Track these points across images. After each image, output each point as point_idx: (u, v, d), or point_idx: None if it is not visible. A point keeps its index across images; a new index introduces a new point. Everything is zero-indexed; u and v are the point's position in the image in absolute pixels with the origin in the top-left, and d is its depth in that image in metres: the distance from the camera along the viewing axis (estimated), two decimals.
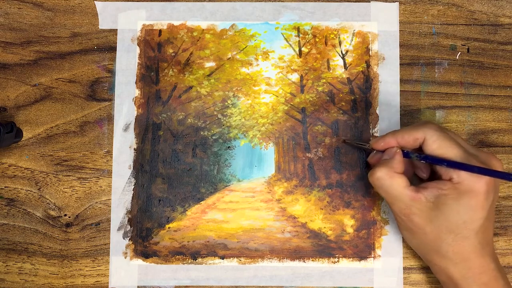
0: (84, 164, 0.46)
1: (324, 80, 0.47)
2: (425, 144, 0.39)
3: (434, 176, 0.41)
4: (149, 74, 0.47)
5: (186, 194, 0.46)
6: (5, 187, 0.46)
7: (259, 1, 0.48)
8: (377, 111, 0.47)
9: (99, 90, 0.47)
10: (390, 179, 0.38)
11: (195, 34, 0.47)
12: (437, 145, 0.38)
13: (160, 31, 0.47)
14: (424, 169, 0.42)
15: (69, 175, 0.46)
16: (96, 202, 0.46)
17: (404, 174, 0.39)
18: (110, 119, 0.47)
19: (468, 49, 0.47)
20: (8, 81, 0.47)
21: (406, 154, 0.40)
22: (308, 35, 0.47)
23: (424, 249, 0.40)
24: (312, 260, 0.45)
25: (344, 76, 0.47)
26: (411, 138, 0.39)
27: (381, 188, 0.39)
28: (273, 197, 0.47)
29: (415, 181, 0.43)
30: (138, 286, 0.45)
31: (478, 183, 0.36)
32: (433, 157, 0.38)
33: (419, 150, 0.40)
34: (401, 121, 0.46)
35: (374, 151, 0.43)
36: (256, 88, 0.47)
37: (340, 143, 0.46)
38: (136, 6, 0.48)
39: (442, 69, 0.47)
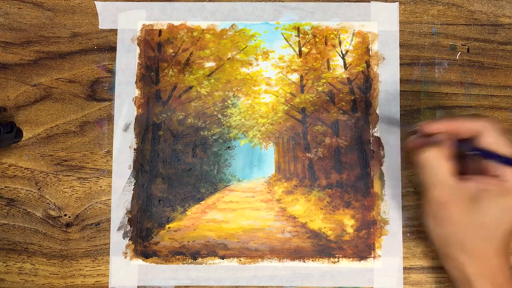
0: (84, 164, 0.46)
1: (324, 80, 0.47)
2: (481, 137, 0.37)
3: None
4: (149, 74, 0.47)
5: (186, 194, 0.46)
6: (5, 187, 0.46)
7: (259, 1, 0.48)
8: (377, 111, 0.47)
9: (99, 90, 0.47)
10: (438, 162, 0.37)
11: (195, 34, 0.47)
12: (493, 140, 0.37)
13: (160, 31, 0.47)
14: (472, 164, 0.40)
15: (69, 175, 0.46)
16: (96, 202, 0.46)
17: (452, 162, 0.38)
18: (110, 119, 0.47)
19: (468, 49, 0.47)
20: (8, 81, 0.47)
21: (460, 145, 0.38)
22: (308, 35, 0.47)
23: (447, 241, 0.38)
24: (312, 260, 0.45)
25: (344, 76, 0.47)
26: (465, 127, 0.38)
27: (426, 169, 0.38)
28: (273, 197, 0.47)
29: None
30: (138, 286, 0.45)
31: None
32: (487, 151, 0.37)
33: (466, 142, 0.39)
34: (401, 121, 0.46)
35: (414, 135, 0.41)
36: (256, 88, 0.47)
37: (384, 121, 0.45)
38: (136, 6, 0.48)
39: (442, 69, 0.47)
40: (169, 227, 0.46)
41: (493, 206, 0.36)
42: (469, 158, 0.40)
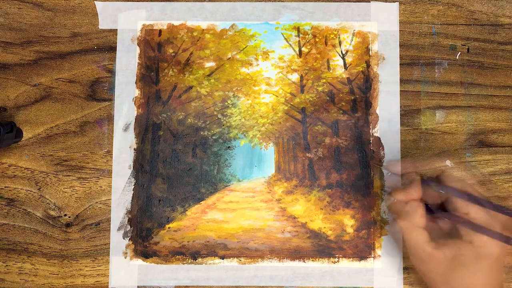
0: (84, 164, 0.46)
1: (324, 80, 0.47)
2: (444, 175, 0.39)
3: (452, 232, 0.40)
4: (149, 74, 0.47)
5: (186, 194, 0.46)
6: (5, 187, 0.46)
7: (259, 1, 0.48)
8: (377, 111, 0.47)
9: (99, 90, 0.47)
10: (411, 233, 0.39)
11: (195, 34, 0.47)
12: (461, 204, 0.38)
13: (160, 31, 0.47)
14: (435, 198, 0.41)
15: (69, 175, 0.46)
16: (96, 202, 0.46)
17: (426, 228, 0.39)
18: (110, 119, 0.47)
19: (468, 49, 0.47)
20: (8, 81, 0.47)
21: (425, 182, 0.39)
22: (308, 35, 0.47)
23: None
24: (312, 260, 0.45)
25: (344, 76, 0.47)
26: (428, 166, 0.40)
27: (400, 240, 0.41)
28: (273, 197, 0.47)
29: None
30: (138, 286, 0.45)
31: (498, 248, 0.37)
32: (453, 188, 0.38)
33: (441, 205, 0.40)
34: (401, 121, 0.46)
35: (393, 200, 0.42)
36: (256, 88, 0.47)
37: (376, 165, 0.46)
38: (136, 6, 0.48)
39: (442, 69, 0.47)
40: (169, 227, 0.46)
41: (471, 271, 0.37)
42: (443, 220, 0.41)
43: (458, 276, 0.37)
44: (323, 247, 0.45)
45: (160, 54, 0.47)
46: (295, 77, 0.47)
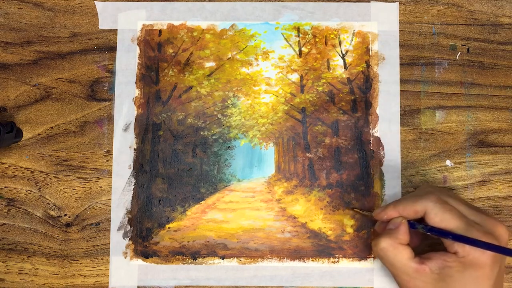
0: (84, 164, 0.46)
1: (324, 80, 0.47)
2: (427, 217, 0.38)
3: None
4: (149, 74, 0.47)
5: (186, 194, 0.46)
6: (5, 187, 0.46)
7: (259, 1, 0.48)
8: (377, 111, 0.47)
9: (99, 90, 0.47)
10: (394, 250, 0.38)
11: (195, 34, 0.47)
12: (439, 218, 0.38)
13: (160, 31, 0.47)
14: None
15: (69, 175, 0.46)
16: (96, 202, 0.46)
17: (410, 244, 0.39)
18: (110, 119, 0.47)
19: (468, 49, 0.47)
20: (8, 81, 0.47)
21: (412, 225, 0.39)
22: (308, 35, 0.47)
23: None
24: (312, 260, 0.45)
25: (344, 76, 0.47)
26: (411, 211, 0.39)
27: (384, 259, 0.39)
28: (273, 197, 0.47)
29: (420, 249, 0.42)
30: (138, 286, 0.45)
31: (483, 256, 0.36)
32: (438, 230, 0.38)
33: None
34: (401, 121, 0.46)
35: (379, 222, 0.42)
36: (256, 88, 0.47)
37: (346, 208, 0.46)
38: (136, 6, 0.48)
39: (442, 69, 0.47)
40: (169, 227, 0.46)
41: (459, 282, 0.37)
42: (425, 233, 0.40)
43: None
44: (323, 247, 0.45)
45: (160, 54, 0.47)
46: (295, 77, 0.47)
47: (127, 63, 0.47)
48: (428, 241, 0.42)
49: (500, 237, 0.37)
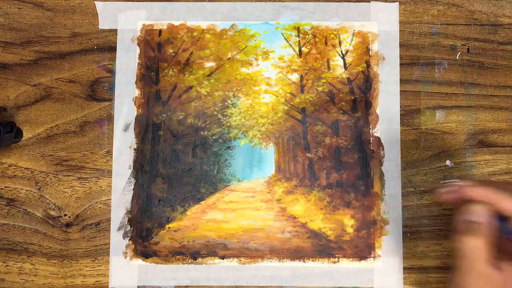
0: (84, 164, 0.46)
1: (324, 80, 0.47)
2: None
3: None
4: (149, 74, 0.47)
5: (186, 194, 0.46)
6: (5, 187, 0.46)
7: (259, 1, 0.48)
8: (377, 111, 0.47)
9: (99, 90, 0.47)
10: (478, 251, 0.34)
11: (195, 34, 0.47)
12: None
13: (160, 31, 0.47)
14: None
15: (69, 175, 0.46)
16: (96, 202, 0.46)
17: (492, 244, 0.35)
18: (110, 119, 0.47)
19: (468, 49, 0.47)
20: (8, 81, 0.47)
21: (503, 228, 0.35)
22: (308, 35, 0.47)
23: None
24: (312, 260, 0.45)
25: (344, 76, 0.47)
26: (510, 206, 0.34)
27: (464, 257, 0.35)
28: (273, 197, 0.47)
29: None
30: (138, 286, 0.45)
31: None
32: None
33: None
34: (401, 121, 0.46)
35: (448, 187, 0.37)
36: (256, 88, 0.47)
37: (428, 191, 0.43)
38: (136, 6, 0.48)
39: (442, 69, 0.47)
40: (169, 227, 0.46)
41: None
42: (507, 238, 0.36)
43: None
44: (323, 247, 0.45)
45: (160, 54, 0.47)
46: (295, 77, 0.47)
47: (127, 63, 0.47)
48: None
49: None
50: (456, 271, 0.35)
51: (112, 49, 0.47)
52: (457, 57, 0.47)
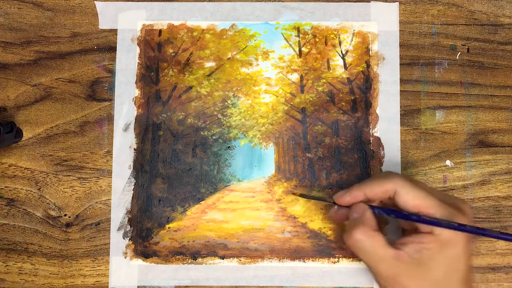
0: (84, 164, 0.46)
1: (324, 80, 0.47)
2: (398, 196, 0.37)
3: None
4: (149, 74, 0.47)
5: (186, 194, 0.46)
6: (5, 187, 0.46)
7: (259, 1, 0.48)
8: (377, 111, 0.47)
9: (99, 90, 0.47)
10: (370, 239, 0.36)
11: (195, 34, 0.47)
12: (411, 196, 0.36)
13: (160, 31, 0.47)
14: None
15: (69, 175, 0.46)
16: (96, 202, 0.46)
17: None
18: (110, 119, 0.47)
19: (468, 49, 0.47)
20: (8, 81, 0.47)
21: (376, 210, 0.38)
22: (308, 35, 0.47)
23: None
24: (312, 260, 0.45)
25: (344, 76, 0.47)
26: (380, 190, 0.37)
27: (361, 250, 0.37)
28: (273, 197, 0.47)
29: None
30: (138, 286, 0.45)
31: (458, 233, 0.35)
32: (404, 213, 0.37)
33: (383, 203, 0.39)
34: (401, 121, 0.46)
35: (336, 206, 0.40)
36: (256, 88, 0.47)
37: (298, 195, 0.44)
38: (136, 6, 0.48)
39: (442, 69, 0.47)
40: (169, 227, 0.46)
41: (439, 262, 0.35)
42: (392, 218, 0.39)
43: (429, 271, 0.35)
44: (323, 247, 0.45)
45: (160, 54, 0.47)
46: (295, 77, 0.47)
47: (127, 63, 0.47)
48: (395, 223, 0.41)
49: (467, 215, 0.37)
50: (370, 269, 0.38)
51: (112, 49, 0.47)
52: (457, 57, 0.47)
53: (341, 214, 0.40)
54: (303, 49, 0.47)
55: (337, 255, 0.45)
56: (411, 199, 0.36)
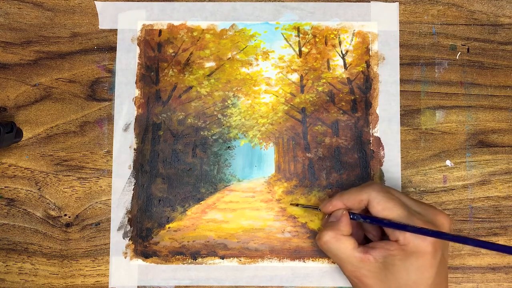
0: (84, 164, 0.46)
1: (324, 80, 0.47)
2: (370, 206, 0.39)
3: (385, 236, 0.41)
4: (149, 74, 0.47)
5: (186, 194, 0.46)
6: (5, 187, 0.46)
7: (259, 1, 0.48)
8: (377, 111, 0.47)
9: (99, 90, 0.47)
10: (337, 242, 0.39)
11: (195, 34, 0.47)
12: (381, 207, 0.38)
13: (160, 31, 0.47)
14: (373, 230, 0.42)
15: (69, 175, 0.46)
16: (96, 202, 0.46)
17: (354, 236, 0.40)
18: (110, 119, 0.47)
19: (468, 49, 0.47)
20: (8, 81, 0.47)
21: (353, 216, 0.40)
22: (308, 35, 0.47)
23: None
24: (312, 260, 0.45)
25: (344, 76, 0.47)
26: (356, 200, 0.40)
27: (329, 251, 0.40)
28: (273, 197, 0.47)
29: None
30: (138, 286, 0.45)
31: (423, 243, 0.37)
32: (377, 219, 0.39)
33: (368, 211, 0.40)
34: (401, 121, 0.46)
35: (326, 215, 0.42)
36: (256, 88, 0.47)
37: (293, 204, 0.45)
38: (136, 6, 0.48)
39: (442, 69, 0.47)
40: (169, 227, 0.46)
41: (402, 270, 0.37)
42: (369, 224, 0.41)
43: (392, 276, 0.37)
44: None
45: (160, 54, 0.47)
46: (295, 77, 0.47)
47: (127, 63, 0.47)
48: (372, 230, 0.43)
49: (442, 226, 0.38)
50: (340, 269, 0.41)
51: (112, 49, 0.47)
52: (457, 57, 0.47)
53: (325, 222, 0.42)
54: (303, 49, 0.47)
55: None
56: (381, 209, 0.39)
